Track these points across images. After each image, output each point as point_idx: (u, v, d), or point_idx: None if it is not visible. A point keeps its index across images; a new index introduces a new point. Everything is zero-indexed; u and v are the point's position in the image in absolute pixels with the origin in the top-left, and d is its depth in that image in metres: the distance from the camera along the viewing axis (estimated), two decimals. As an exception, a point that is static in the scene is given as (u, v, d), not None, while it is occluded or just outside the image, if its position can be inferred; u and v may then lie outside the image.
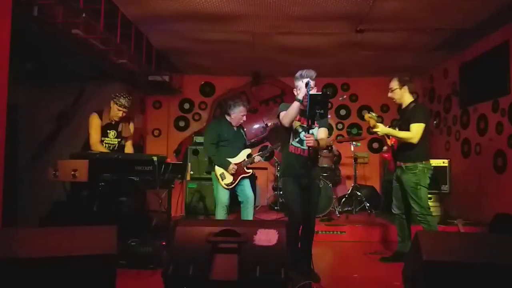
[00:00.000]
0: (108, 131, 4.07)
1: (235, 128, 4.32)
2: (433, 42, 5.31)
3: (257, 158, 4.25)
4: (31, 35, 3.83)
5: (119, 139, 4.16)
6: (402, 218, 3.84)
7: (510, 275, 2.17)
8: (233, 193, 4.28)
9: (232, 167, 4.17)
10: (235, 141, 4.28)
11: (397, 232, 3.91)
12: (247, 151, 4.32)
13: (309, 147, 3.05)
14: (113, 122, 4.08)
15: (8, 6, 2.93)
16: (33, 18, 3.42)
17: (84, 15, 3.69)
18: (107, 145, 4.08)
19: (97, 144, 3.96)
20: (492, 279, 2.17)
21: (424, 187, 3.66)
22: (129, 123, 4.23)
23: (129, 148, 4.26)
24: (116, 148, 4.14)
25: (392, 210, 3.93)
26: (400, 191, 3.81)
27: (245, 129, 4.57)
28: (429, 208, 3.72)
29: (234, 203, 4.38)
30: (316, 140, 3.19)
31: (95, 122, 3.98)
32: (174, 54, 6.05)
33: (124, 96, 4.02)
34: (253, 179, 4.40)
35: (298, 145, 3.29)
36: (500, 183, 4.76)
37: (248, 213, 4.25)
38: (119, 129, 4.14)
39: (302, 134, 3.23)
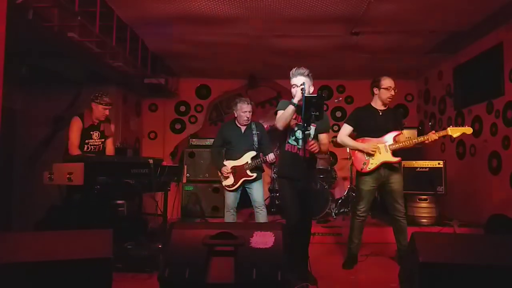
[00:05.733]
0: (92, 132, 4.07)
1: (242, 130, 4.26)
2: (427, 45, 5.34)
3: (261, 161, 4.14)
4: (26, 39, 3.82)
5: (103, 139, 4.17)
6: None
7: (505, 276, 2.19)
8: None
9: (224, 170, 4.17)
10: (240, 144, 4.21)
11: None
12: (252, 153, 4.19)
13: (312, 152, 3.02)
14: (96, 123, 4.09)
15: (3, 9, 2.93)
16: (28, 21, 3.40)
17: (79, 18, 3.68)
18: (92, 146, 4.07)
19: (75, 148, 3.93)
20: (488, 280, 2.19)
21: None
22: (109, 123, 4.25)
23: (110, 148, 4.25)
24: (100, 148, 4.15)
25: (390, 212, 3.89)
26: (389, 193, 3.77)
27: (264, 127, 4.45)
28: None
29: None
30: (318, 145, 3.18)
31: (76, 126, 3.97)
32: (170, 56, 6.04)
33: (105, 94, 4.07)
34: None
35: (295, 143, 3.26)
36: (495, 184, 4.79)
37: (258, 217, 4.21)
38: (102, 129, 4.15)
39: (298, 133, 3.21)
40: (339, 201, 5.98)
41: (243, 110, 4.17)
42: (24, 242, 2.17)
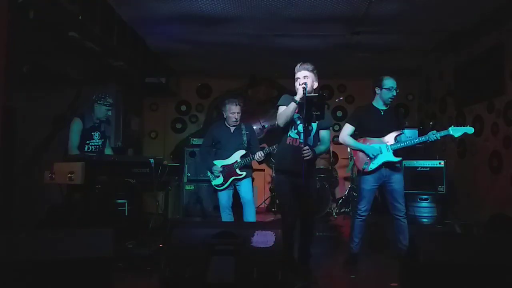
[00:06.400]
0: (93, 133, 4.11)
1: (231, 129, 4.25)
2: (428, 44, 5.34)
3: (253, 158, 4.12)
4: (27, 38, 3.83)
5: (103, 139, 4.21)
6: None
7: (506, 275, 2.19)
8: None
9: (214, 169, 4.16)
10: (229, 143, 4.20)
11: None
12: (241, 152, 4.17)
13: (306, 158, 2.93)
14: (96, 124, 4.13)
15: (4, 9, 2.93)
16: (29, 21, 3.40)
17: (80, 17, 3.68)
18: (92, 147, 4.11)
19: (74, 149, 3.96)
20: (489, 279, 2.19)
21: None
22: (109, 123, 4.28)
23: (108, 149, 4.29)
24: (101, 148, 4.19)
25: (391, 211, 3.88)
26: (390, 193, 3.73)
27: (253, 128, 4.48)
28: None
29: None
30: (313, 150, 3.08)
31: (76, 127, 4.02)
32: (171, 56, 6.04)
33: (108, 95, 4.13)
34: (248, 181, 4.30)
35: (297, 137, 3.14)
36: (496, 183, 4.78)
37: (245, 215, 4.18)
38: (102, 129, 4.19)
39: (301, 127, 3.10)
40: (340, 200, 5.99)
41: (231, 111, 4.14)
42: (24, 241, 2.17)
